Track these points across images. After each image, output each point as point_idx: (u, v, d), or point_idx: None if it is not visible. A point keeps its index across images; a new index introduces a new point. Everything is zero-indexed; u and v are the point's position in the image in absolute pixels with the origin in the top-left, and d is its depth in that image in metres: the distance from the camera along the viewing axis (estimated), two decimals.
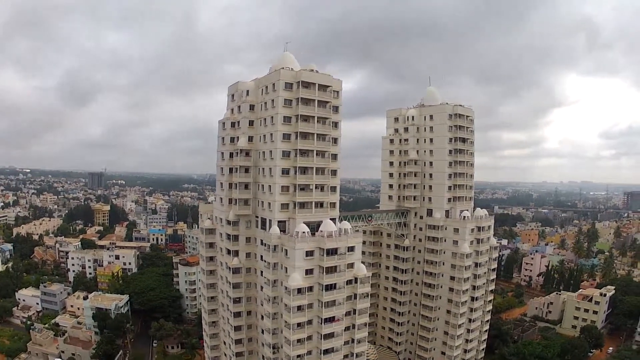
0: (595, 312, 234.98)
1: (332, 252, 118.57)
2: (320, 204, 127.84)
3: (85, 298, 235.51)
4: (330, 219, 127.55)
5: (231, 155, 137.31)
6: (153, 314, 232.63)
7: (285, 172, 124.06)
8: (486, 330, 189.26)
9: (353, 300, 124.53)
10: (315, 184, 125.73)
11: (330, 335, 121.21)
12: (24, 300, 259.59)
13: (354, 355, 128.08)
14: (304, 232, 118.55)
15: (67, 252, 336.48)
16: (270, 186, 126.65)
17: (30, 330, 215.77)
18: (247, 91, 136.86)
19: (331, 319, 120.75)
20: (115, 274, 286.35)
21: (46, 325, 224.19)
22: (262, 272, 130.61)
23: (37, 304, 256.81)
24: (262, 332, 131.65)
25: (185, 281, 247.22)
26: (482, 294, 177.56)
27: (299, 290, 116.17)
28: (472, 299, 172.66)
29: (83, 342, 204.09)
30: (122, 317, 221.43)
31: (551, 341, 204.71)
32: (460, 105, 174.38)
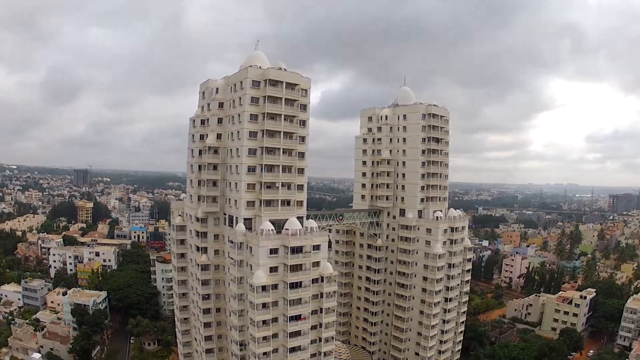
0: (575, 315, 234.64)
1: (296, 250, 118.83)
2: (287, 202, 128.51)
3: (64, 294, 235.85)
4: (298, 217, 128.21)
5: (200, 152, 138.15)
6: (130, 311, 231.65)
7: (252, 169, 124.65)
8: (462, 332, 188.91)
9: (319, 299, 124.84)
10: (282, 182, 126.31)
11: (296, 334, 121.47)
12: (5, 295, 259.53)
13: (322, 354, 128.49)
14: (268, 230, 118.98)
15: (49, 249, 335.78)
16: (236, 183, 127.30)
17: (11, 326, 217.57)
18: (217, 89, 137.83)
19: (297, 317, 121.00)
20: (95, 270, 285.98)
21: (27, 321, 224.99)
22: (229, 269, 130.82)
23: (19, 299, 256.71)
24: (230, 329, 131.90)
25: (162, 278, 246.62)
26: (457, 295, 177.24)
27: (264, 288, 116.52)
28: (446, 299, 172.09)
29: (61, 337, 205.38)
30: (100, 313, 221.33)
31: (529, 343, 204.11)
32: (434, 105, 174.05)
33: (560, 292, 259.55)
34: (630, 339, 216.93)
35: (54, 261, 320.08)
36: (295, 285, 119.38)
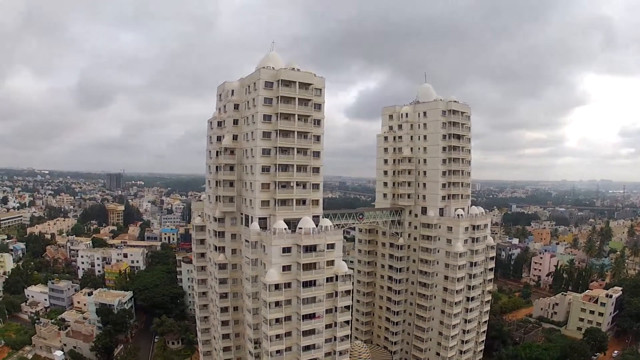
0: (600, 314, 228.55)
1: (310, 249, 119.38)
2: (302, 201, 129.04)
3: (89, 294, 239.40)
4: (314, 216, 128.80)
5: (217, 153, 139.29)
6: (156, 310, 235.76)
7: (266, 169, 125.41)
8: (484, 331, 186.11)
9: (334, 298, 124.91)
10: (297, 182, 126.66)
11: (310, 332, 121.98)
12: (32, 296, 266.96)
13: (337, 353, 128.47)
14: (281, 229, 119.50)
15: (77, 251, 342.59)
16: (251, 183, 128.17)
17: (36, 325, 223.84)
18: (232, 91, 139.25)
19: (311, 316, 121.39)
20: (123, 271, 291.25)
21: (52, 321, 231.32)
22: (244, 267, 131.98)
23: (45, 300, 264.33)
24: (246, 327, 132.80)
25: (188, 278, 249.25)
26: (479, 294, 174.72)
27: (276, 286, 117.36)
28: (468, 299, 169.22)
29: (84, 336, 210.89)
30: (124, 313, 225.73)
31: (553, 343, 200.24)
32: (455, 101, 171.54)
33: (587, 291, 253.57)
34: None
35: (82, 263, 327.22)
36: (308, 284, 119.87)
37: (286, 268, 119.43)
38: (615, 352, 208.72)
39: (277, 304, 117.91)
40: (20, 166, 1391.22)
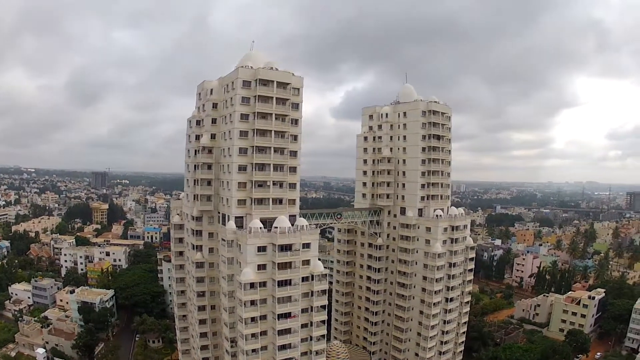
0: (583, 316, 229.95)
1: (285, 248, 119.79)
2: (278, 201, 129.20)
3: (71, 292, 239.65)
4: (290, 215, 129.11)
5: (196, 152, 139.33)
6: (137, 309, 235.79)
7: (243, 168, 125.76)
8: (464, 332, 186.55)
9: (310, 298, 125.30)
10: (273, 181, 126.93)
11: (285, 331, 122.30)
12: (16, 294, 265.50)
13: (313, 352, 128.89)
14: (256, 228, 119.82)
15: (61, 249, 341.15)
16: (228, 182, 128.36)
17: (19, 322, 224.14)
18: (211, 90, 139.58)
19: (286, 315, 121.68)
20: (105, 270, 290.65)
21: (35, 318, 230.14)
22: (220, 266, 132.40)
23: (29, 297, 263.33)
24: (223, 325, 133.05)
25: (169, 277, 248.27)
26: (458, 295, 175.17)
27: (252, 285, 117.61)
28: (447, 299, 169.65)
29: (66, 334, 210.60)
30: (106, 311, 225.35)
31: (534, 345, 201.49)
32: (435, 102, 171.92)
33: (569, 292, 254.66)
34: (638, 341, 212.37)
35: (65, 261, 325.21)
36: (284, 283, 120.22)
37: (261, 267, 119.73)
38: (598, 353, 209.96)
39: (253, 302, 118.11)
40: (7, 164, 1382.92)
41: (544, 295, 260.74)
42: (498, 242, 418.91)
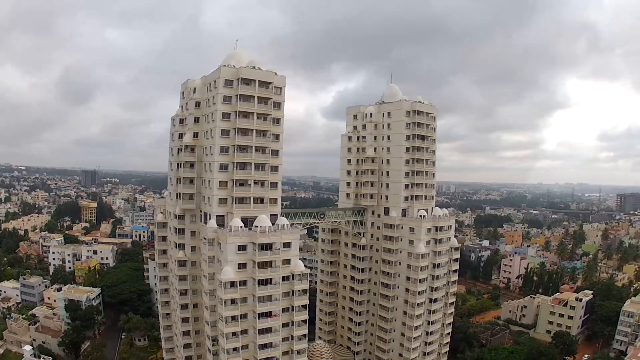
0: (570, 318, 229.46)
1: (265, 247, 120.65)
2: (260, 200, 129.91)
3: (58, 290, 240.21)
4: (272, 214, 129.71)
5: (179, 150, 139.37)
6: (123, 307, 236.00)
7: (224, 167, 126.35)
8: (448, 333, 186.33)
9: (291, 297, 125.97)
10: (254, 180, 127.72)
11: (266, 330, 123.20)
12: (4, 292, 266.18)
13: (295, 352, 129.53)
14: (237, 227, 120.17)
15: (49, 247, 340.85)
16: (210, 181, 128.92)
17: (7, 320, 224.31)
18: (195, 89, 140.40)
19: (267, 314, 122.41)
20: (93, 268, 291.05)
21: (23, 316, 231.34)
22: (202, 265, 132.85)
23: (17, 295, 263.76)
24: (205, 324, 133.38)
25: (155, 275, 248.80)
26: (442, 296, 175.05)
27: (232, 284, 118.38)
28: (431, 300, 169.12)
29: (53, 331, 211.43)
30: (92, 309, 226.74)
31: (520, 346, 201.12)
32: (420, 102, 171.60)
33: (557, 294, 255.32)
34: (626, 343, 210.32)
35: (54, 259, 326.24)
36: (264, 282, 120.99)
37: (242, 266, 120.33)
38: (586, 356, 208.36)
39: (233, 301, 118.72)
40: None
41: (531, 297, 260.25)
42: (486, 243, 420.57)
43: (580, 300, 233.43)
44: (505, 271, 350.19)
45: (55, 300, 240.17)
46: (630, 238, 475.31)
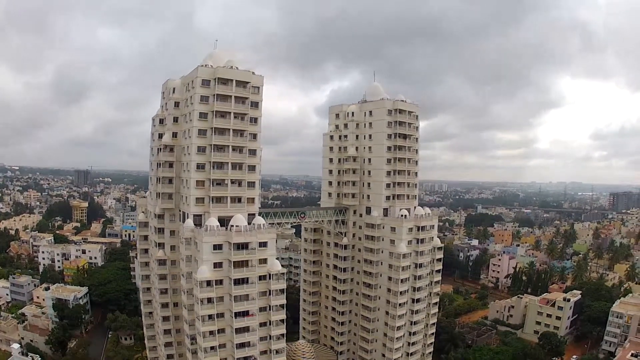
0: (558, 318, 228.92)
1: (241, 246, 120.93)
2: (237, 199, 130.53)
3: (47, 289, 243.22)
4: (250, 214, 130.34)
5: (158, 150, 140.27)
6: (110, 306, 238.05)
7: (201, 167, 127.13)
8: (432, 333, 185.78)
9: (268, 296, 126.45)
10: (232, 179, 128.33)
11: (243, 330, 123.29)
12: None
13: (273, 351, 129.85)
14: (212, 226, 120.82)
15: (39, 247, 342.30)
16: (187, 180, 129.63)
17: None
18: (174, 89, 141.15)
19: (244, 314, 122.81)
20: (81, 267, 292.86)
21: (12, 315, 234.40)
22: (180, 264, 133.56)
23: (7, 294, 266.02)
24: (184, 323, 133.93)
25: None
26: (425, 296, 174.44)
27: (208, 283, 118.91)
28: (413, 300, 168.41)
29: (41, 330, 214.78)
30: (79, 308, 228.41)
31: (506, 347, 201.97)
32: (402, 101, 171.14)
33: (545, 294, 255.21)
34: (615, 344, 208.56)
35: (43, 258, 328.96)
36: (240, 282, 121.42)
37: (217, 265, 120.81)
38: (574, 356, 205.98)
39: (209, 300, 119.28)
40: None
41: (518, 297, 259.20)
42: (475, 242, 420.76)
43: (568, 300, 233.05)
44: (493, 271, 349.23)
45: (44, 299, 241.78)
46: (622, 237, 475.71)
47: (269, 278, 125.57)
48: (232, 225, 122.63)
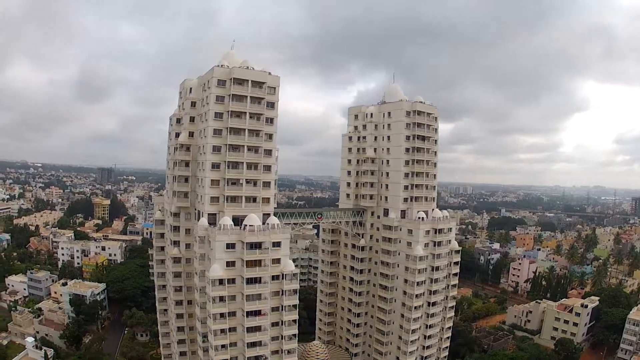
0: (575, 324, 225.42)
1: (254, 246, 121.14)
2: (252, 199, 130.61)
3: (64, 284, 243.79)
4: (265, 214, 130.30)
5: (175, 149, 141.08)
6: (127, 303, 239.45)
7: (216, 166, 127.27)
8: (448, 337, 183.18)
9: (280, 296, 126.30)
10: (247, 179, 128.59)
11: (255, 329, 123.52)
12: (12, 285, 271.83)
13: (284, 351, 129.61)
14: (226, 225, 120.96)
15: (59, 243, 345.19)
16: (202, 179, 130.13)
17: (12, 312, 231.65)
18: (191, 88, 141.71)
19: (256, 313, 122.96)
20: (100, 264, 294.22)
21: (29, 309, 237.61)
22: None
23: (24, 289, 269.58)
24: (197, 320, 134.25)
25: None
26: (441, 299, 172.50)
27: (220, 282, 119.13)
28: (429, 304, 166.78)
29: (56, 324, 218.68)
30: (96, 304, 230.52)
31: (523, 353, 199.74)
32: (420, 102, 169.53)
33: (563, 300, 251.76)
34: (631, 352, 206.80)
35: (62, 254, 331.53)
36: (253, 281, 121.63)
37: (230, 264, 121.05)
38: None
39: (221, 299, 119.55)
40: (14, 158, 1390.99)
41: (536, 302, 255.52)
42: (497, 245, 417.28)
43: (586, 306, 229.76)
44: (513, 275, 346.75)
45: (61, 295, 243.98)
46: None
47: (282, 278, 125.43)
48: (246, 225, 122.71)
